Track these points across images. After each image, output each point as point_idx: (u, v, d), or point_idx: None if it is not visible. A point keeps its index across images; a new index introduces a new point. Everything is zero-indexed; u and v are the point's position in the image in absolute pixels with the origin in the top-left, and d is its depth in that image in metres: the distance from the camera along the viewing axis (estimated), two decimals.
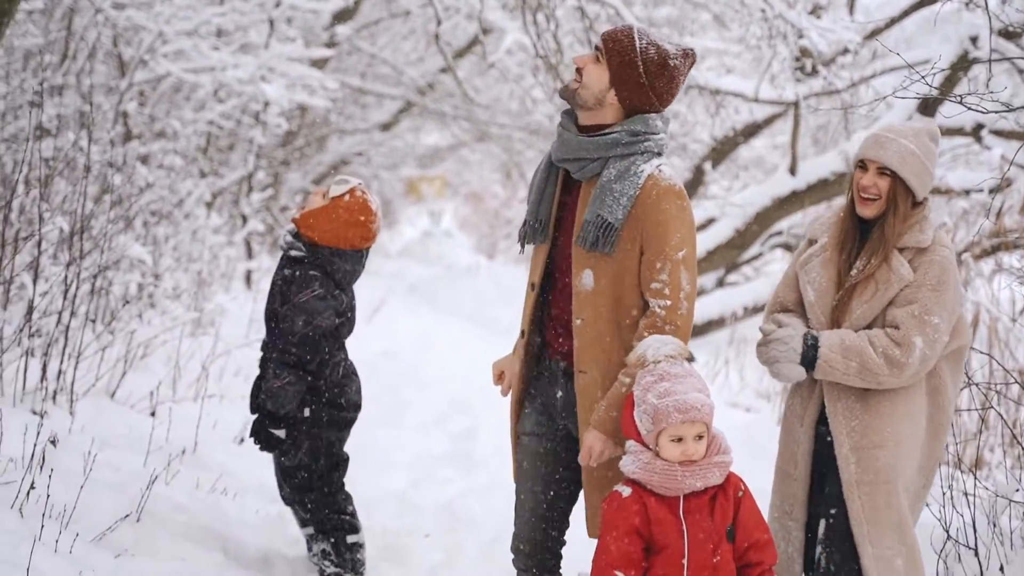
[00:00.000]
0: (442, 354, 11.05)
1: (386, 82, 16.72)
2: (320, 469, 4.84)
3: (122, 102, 9.25)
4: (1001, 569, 4.49)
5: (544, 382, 4.07)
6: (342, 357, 4.88)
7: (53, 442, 4.88)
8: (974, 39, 9.10)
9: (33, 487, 4.45)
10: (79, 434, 5.53)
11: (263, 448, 4.77)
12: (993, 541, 4.58)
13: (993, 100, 4.40)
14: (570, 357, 3.94)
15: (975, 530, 4.56)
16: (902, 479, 3.99)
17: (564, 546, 4.16)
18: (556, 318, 4.01)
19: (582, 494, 4.03)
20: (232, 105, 11.27)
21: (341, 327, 4.82)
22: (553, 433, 4.05)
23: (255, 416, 4.79)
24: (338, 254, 4.75)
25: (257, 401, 4.80)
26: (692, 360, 3.68)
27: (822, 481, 4.09)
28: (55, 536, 4.24)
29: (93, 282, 6.54)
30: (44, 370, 5.75)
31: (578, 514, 4.11)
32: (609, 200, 3.80)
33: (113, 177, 7.44)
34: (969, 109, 4.46)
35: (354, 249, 4.78)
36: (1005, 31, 8.20)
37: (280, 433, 4.73)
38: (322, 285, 4.70)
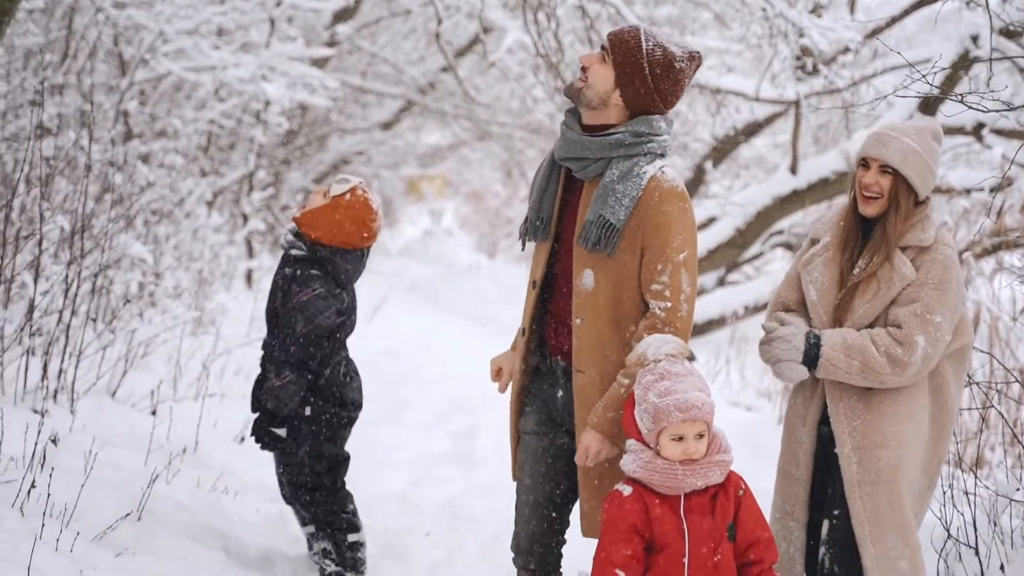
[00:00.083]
0: (443, 353, 11.05)
1: (387, 81, 16.71)
2: (321, 468, 4.84)
3: (123, 101, 9.25)
4: (1002, 568, 4.49)
5: (545, 381, 4.07)
6: (343, 356, 4.88)
7: (54, 441, 4.87)
8: (975, 38, 9.09)
9: (34, 486, 4.45)
10: (80, 433, 5.53)
11: (264, 447, 4.77)
12: (994, 540, 4.58)
13: (994, 99, 4.40)
14: (570, 356, 3.94)
15: (976, 529, 4.56)
16: (905, 479, 3.97)
17: (564, 545, 4.16)
18: (557, 317, 4.01)
19: None
20: (233, 104, 11.27)
21: (342, 326, 4.82)
22: (554, 432, 4.05)
23: (256, 415, 4.79)
24: (339, 253, 4.74)
25: (258, 400, 4.80)
26: (693, 359, 3.68)
27: (826, 482, 4.09)
28: (56, 535, 4.24)
29: (94, 281, 6.54)
30: (45, 369, 5.75)
31: (578, 513, 4.11)
32: (611, 201, 3.80)
33: (114, 176, 7.43)
34: (970, 108, 4.46)
35: (355, 248, 4.77)
36: (1006, 30, 8.20)
37: (281, 432, 4.73)
38: (323, 284, 4.70)
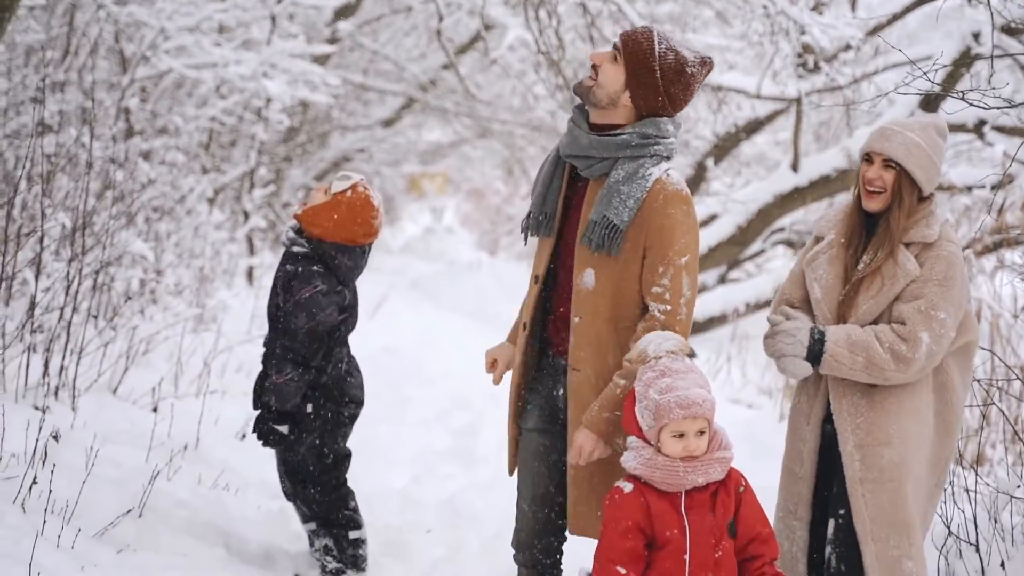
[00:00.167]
0: (444, 350, 11.04)
1: (388, 78, 16.70)
2: (322, 465, 4.84)
3: (124, 98, 9.25)
4: (1002, 565, 4.49)
5: (546, 378, 4.07)
6: (345, 353, 4.88)
7: (55, 438, 4.88)
8: (976, 35, 9.09)
9: (35, 482, 4.45)
10: (81, 430, 5.53)
11: (266, 444, 4.77)
12: (994, 537, 4.58)
13: (995, 96, 4.41)
14: None
15: (976, 526, 4.56)
16: (911, 477, 3.95)
17: (565, 542, 4.16)
18: (558, 315, 4.01)
19: None
20: (234, 101, 11.26)
21: (344, 323, 4.82)
22: (555, 429, 4.05)
23: (258, 412, 4.79)
24: (340, 250, 4.74)
25: (260, 397, 4.80)
26: (693, 356, 3.68)
27: (832, 481, 4.07)
28: (57, 531, 4.24)
29: (95, 278, 6.55)
30: (46, 366, 5.75)
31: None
32: (616, 202, 3.80)
33: (115, 173, 7.43)
34: (971, 105, 4.46)
35: (356, 245, 4.77)
36: (1007, 27, 8.20)
37: (283, 429, 4.73)
38: (325, 281, 4.70)
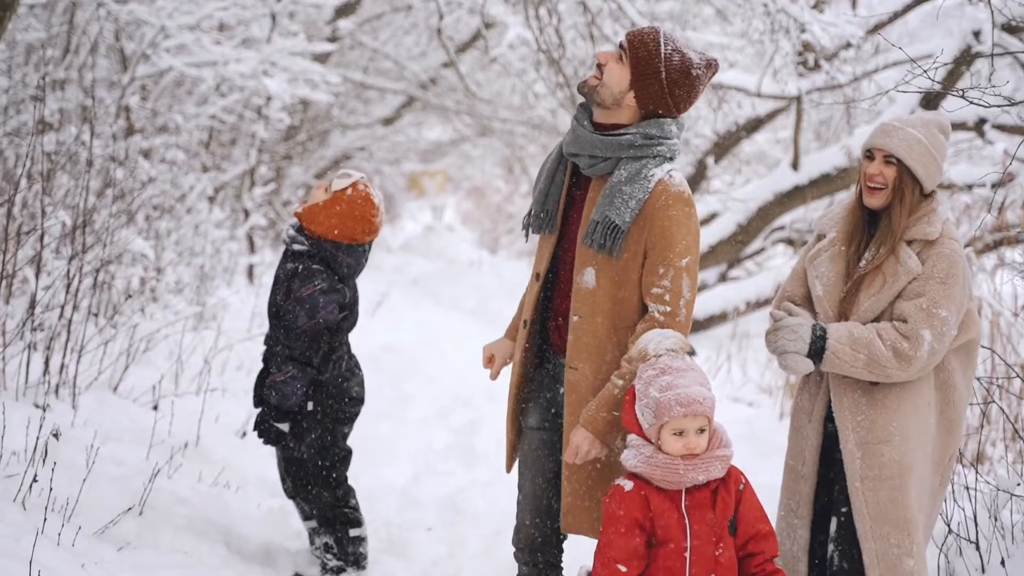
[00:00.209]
0: (444, 348, 11.04)
1: (388, 77, 16.69)
2: (323, 463, 4.84)
3: (124, 96, 9.25)
4: (1002, 563, 4.49)
5: (547, 376, 4.07)
6: (345, 351, 4.88)
7: (56, 436, 4.88)
8: (977, 33, 9.08)
9: (36, 480, 4.46)
10: (81, 428, 5.54)
11: (267, 442, 4.78)
12: (994, 535, 4.58)
13: (995, 94, 4.41)
14: None
15: (976, 524, 4.56)
16: (913, 476, 3.94)
17: (566, 540, 4.17)
18: (559, 312, 4.01)
19: None
20: (234, 99, 11.25)
21: (344, 321, 4.82)
22: (556, 427, 4.05)
23: (259, 410, 4.80)
24: (341, 248, 4.74)
25: (261, 395, 4.80)
26: (693, 354, 3.68)
27: (834, 479, 4.07)
28: (58, 529, 4.25)
29: (95, 276, 6.55)
30: (47, 364, 5.76)
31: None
32: (618, 202, 3.80)
33: (115, 171, 7.43)
34: (971, 103, 4.46)
35: (357, 243, 4.78)
36: (1008, 25, 8.19)
37: (284, 427, 4.74)
38: (325, 279, 4.70)
